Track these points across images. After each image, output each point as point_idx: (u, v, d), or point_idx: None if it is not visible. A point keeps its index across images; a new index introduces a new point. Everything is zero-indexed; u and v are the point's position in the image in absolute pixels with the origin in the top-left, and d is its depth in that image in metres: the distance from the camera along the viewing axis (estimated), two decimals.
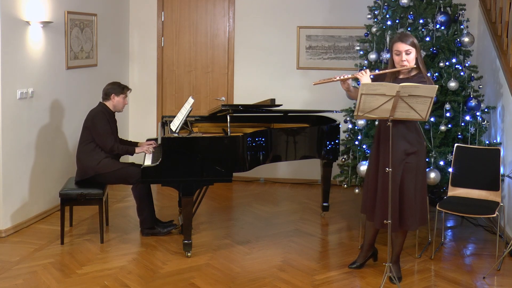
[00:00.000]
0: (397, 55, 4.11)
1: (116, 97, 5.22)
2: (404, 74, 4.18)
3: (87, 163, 5.11)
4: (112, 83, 5.30)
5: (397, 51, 4.11)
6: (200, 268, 4.55)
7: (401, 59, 4.08)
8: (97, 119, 5.12)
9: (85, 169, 5.11)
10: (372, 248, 4.57)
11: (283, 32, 7.13)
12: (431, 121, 5.32)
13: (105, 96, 5.24)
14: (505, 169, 5.20)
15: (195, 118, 5.68)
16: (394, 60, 4.14)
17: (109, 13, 6.87)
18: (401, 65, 4.09)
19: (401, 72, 4.18)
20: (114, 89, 5.23)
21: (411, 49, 4.08)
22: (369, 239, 4.50)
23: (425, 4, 5.51)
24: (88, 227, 5.46)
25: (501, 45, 5.57)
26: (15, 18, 5.18)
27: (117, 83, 5.30)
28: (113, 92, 5.22)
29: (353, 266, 4.53)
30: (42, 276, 4.34)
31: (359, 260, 4.55)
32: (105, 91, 5.25)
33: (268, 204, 6.37)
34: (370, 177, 4.30)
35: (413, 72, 4.15)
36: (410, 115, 3.89)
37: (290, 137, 5.21)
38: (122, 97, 5.25)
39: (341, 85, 4.24)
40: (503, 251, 4.73)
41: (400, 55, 4.09)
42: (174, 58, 7.40)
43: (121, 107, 5.29)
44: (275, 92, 6.83)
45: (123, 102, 5.28)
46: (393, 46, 4.14)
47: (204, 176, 4.68)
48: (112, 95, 5.21)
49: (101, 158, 5.09)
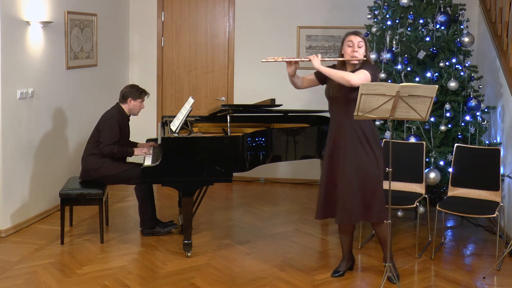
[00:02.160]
0: (349, 46, 4.19)
1: (133, 101, 5.19)
2: (351, 67, 4.23)
3: (90, 165, 5.09)
4: (131, 86, 5.28)
5: (350, 42, 4.19)
6: (200, 268, 4.55)
7: (353, 50, 4.17)
8: (108, 123, 5.08)
9: (88, 171, 5.11)
10: (351, 253, 4.50)
11: (283, 32, 7.13)
12: (431, 121, 5.32)
13: (122, 99, 5.21)
14: (505, 169, 5.19)
15: (195, 118, 5.68)
16: (346, 51, 4.22)
17: (109, 13, 6.87)
18: (352, 56, 4.17)
19: (349, 65, 4.23)
20: (132, 93, 5.19)
21: (362, 43, 4.18)
22: (346, 245, 4.44)
23: (425, 4, 5.51)
24: (88, 227, 5.46)
25: (501, 45, 5.57)
26: (15, 18, 5.18)
27: (135, 87, 5.26)
28: (131, 96, 5.18)
29: (336, 274, 4.41)
30: (42, 276, 4.34)
31: (342, 268, 4.45)
32: (122, 93, 5.22)
33: (268, 204, 6.37)
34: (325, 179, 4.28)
35: (359, 65, 4.21)
36: (410, 115, 3.89)
37: (290, 137, 5.21)
38: (138, 102, 5.22)
39: (287, 68, 4.30)
40: (503, 251, 4.73)
41: (352, 46, 4.18)
42: (174, 58, 7.40)
43: (136, 111, 5.27)
44: (275, 92, 6.82)
45: (139, 106, 5.25)
46: (346, 38, 4.23)
47: (204, 176, 4.68)
48: (129, 99, 5.18)
49: (104, 161, 5.06)
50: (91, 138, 5.20)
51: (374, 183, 4.16)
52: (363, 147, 4.14)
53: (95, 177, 5.08)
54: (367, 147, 4.14)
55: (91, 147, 5.14)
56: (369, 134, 4.16)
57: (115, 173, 5.08)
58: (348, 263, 4.48)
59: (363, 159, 4.14)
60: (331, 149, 4.27)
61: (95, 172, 5.07)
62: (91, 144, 5.16)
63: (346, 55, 4.21)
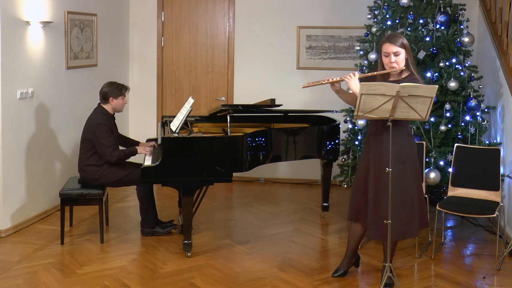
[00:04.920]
0: (385, 57, 4.00)
1: (115, 100, 5.10)
2: (394, 76, 4.07)
3: (89, 175, 5.05)
4: (109, 85, 5.14)
5: (385, 53, 4.00)
6: (200, 268, 4.55)
7: (390, 61, 3.98)
8: (99, 132, 4.98)
9: (88, 181, 5.07)
10: (355, 254, 4.43)
11: (283, 32, 7.13)
12: (431, 121, 5.32)
13: (103, 100, 5.12)
14: (505, 169, 5.19)
15: (195, 118, 5.68)
16: (383, 61, 4.04)
17: (109, 13, 6.87)
18: (390, 67, 3.99)
19: (391, 74, 4.07)
20: (112, 91, 5.09)
21: (400, 51, 3.98)
22: (353, 245, 4.35)
23: (425, 4, 5.51)
24: (88, 227, 5.46)
25: (501, 45, 5.57)
26: (15, 18, 5.18)
27: (114, 84, 5.14)
28: (111, 95, 5.08)
29: (336, 274, 4.38)
30: (42, 276, 4.34)
31: (343, 268, 4.40)
32: (102, 94, 5.11)
33: (268, 204, 6.37)
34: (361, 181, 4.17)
35: (404, 74, 4.05)
36: (410, 115, 3.89)
37: (290, 137, 5.21)
38: (121, 99, 5.13)
39: (331, 87, 4.17)
40: (503, 251, 4.73)
41: (388, 57, 3.99)
42: (174, 58, 7.40)
43: (121, 108, 5.19)
44: (275, 92, 6.82)
45: (122, 103, 5.17)
46: (382, 47, 4.03)
47: (204, 176, 4.68)
48: (111, 99, 5.09)
49: (103, 170, 5.02)
50: (82, 147, 5.08)
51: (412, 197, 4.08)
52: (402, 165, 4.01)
53: (96, 185, 5.07)
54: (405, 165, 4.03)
55: (85, 157, 5.05)
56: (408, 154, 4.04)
57: (116, 179, 5.07)
58: (350, 261, 4.41)
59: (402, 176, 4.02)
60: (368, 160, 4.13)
61: (95, 181, 5.05)
62: (84, 154, 5.06)
63: (385, 66, 4.02)
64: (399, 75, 4.07)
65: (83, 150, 5.09)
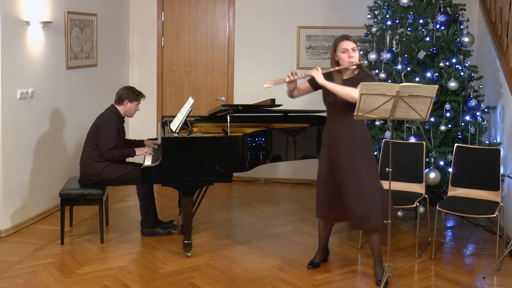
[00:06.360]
0: (343, 53, 4.14)
1: (129, 104, 5.15)
2: (347, 75, 4.20)
3: (90, 169, 5.05)
4: (128, 88, 5.23)
5: (344, 49, 4.14)
6: (200, 268, 4.55)
7: (349, 56, 4.13)
8: (106, 126, 5.02)
9: (88, 176, 5.07)
10: (326, 248, 4.66)
11: (283, 32, 7.13)
12: (431, 121, 5.32)
13: (118, 100, 5.16)
14: (505, 169, 5.19)
15: (195, 118, 5.68)
16: (341, 58, 4.16)
17: (109, 13, 6.88)
18: (349, 62, 4.13)
19: (344, 73, 4.21)
20: (129, 95, 5.14)
21: (356, 47, 4.17)
22: (322, 240, 4.59)
23: (425, 4, 5.51)
24: (88, 227, 5.46)
25: (501, 45, 5.57)
26: (15, 18, 5.18)
27: (132, 89, 5.22)
28: (127, 98, 5.13)
29: (310, 266, 4.56)
30: (42, 276, 4.34)
31: (317, 259, 4.61)
32: (118, 95, 5.17)
33: (268, 204, 6.37)
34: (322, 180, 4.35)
35: (356, 71, 4.19)
36: (410, 115, 3.89)
37: (290, 137, 5.21)
38: (135, 104, 5.18)
39: (287, 85, 4.30)
40: (503, 251, 4.73)
41: (346, 53, 4.13)
42: (174, 58, 7.41)
43: (132, 113, 5.23)
44: (275, 92, 6.80)
45: (135, 108, 5.21)
46: (339, 45, 4.17)
47: (204, 176, 4.68)
48: (126, 101, 5.14)
49: (104, 165, 5.03)
50: (88, 141, 5.12)
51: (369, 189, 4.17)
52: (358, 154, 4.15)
53: (96, 181, 5.07)
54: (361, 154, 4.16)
55: (90, 150, 5.07)
56: (364, 142, 4.20)
57: (116, 176, 5.07)
58: (323, 254, 4.63)
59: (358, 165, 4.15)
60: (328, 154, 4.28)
61: (96, 177, 5.05)
62: (89, 147, 5.08)
63: (342, 62, 4.17)
64: (352, 72, 4.20)
65: (88, 143, 5.11)
